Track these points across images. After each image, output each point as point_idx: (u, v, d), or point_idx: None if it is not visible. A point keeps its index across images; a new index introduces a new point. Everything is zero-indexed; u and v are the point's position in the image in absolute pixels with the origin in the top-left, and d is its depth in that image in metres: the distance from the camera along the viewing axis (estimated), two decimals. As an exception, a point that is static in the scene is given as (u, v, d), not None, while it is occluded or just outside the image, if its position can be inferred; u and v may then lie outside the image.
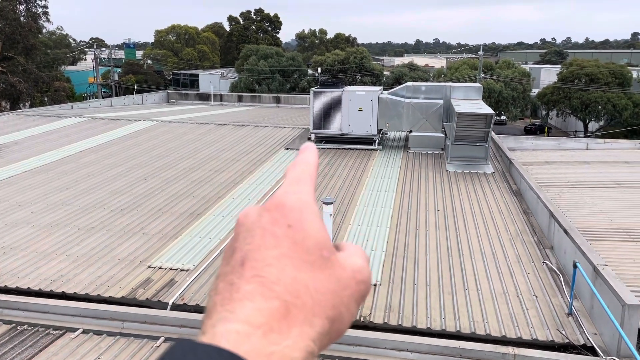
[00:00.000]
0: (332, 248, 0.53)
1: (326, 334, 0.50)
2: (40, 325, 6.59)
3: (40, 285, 7.49)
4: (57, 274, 7.85)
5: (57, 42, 58.83)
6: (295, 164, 0.60)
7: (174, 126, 18.91)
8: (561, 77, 42.57)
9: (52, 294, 7.30)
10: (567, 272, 7.82)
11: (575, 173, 13.92)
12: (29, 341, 6.30)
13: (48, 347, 6.20)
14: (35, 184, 12.27)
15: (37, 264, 8.16)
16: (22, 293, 7.30)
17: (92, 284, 7.57)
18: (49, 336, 6.41)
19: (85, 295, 7.28)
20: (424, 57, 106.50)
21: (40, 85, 41.13)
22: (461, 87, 16.03)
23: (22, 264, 8.16)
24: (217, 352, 0.43)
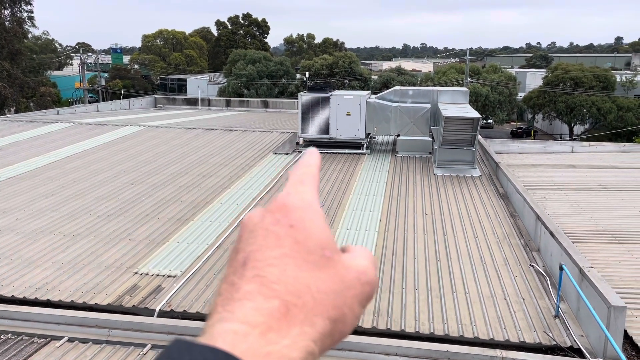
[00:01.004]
0: (335, 248, 0.53)
1: (328, 335, 0.48)
2: (24, 334, 6.49)
3: (25, 293, 7.39)
4: (42, 281, 7.75)
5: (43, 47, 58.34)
6: (297, 166, 0.60)
7: (162, 131, 18.81)
8: (546, 81, 43.03)
9: (37, 302, 7.20)
10: (554, 274, 7.88)
11: (561, 176, 14.05)
12: (13, 350, 6.20)
13: (32, 356, 6.10)
14: (20, 191, 12.12)
15: (22, 271, 8.05)
16: (6, 301, 7.19)
17: (78, 291, 7.48)
18: (33, 345, 6.32)
19: (70, 302, 7.18)
20: (411, 62, 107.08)
21: (26, 91, 40.71)
22: (448, 91, 16.14)
23: (6, 271, 8.04)
24: (212, 352, 0.42)
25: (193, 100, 30.67)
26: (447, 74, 45.55)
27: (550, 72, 43.99)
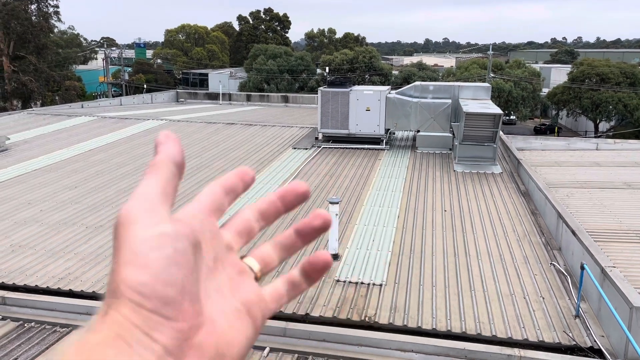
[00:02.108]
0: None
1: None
2: (47, 323, 6.65)
3: (48, 283, 7.56)
4: (64, 272, 7.91)
5: (69, 41, 59.31)
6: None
7: (183, 125, 19.00)
8: (572, 76, 42.23)
9: (60, 292, 7.36)
10: (575, 273, 7.76)
11: (584, 173, 13.79)
12: (36, 338, 6.36)
13: (55, 344, 6.25)
14: (45, 183, 12.38)
15: (45, 262, 8.23)
16: (30, 291, 7.37)
17: (99, 282, 7.62)
18: (55, 333, 6.47)
19: (92, 293, 7.32)
20: (433, 57, 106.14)
21: (51, 85, 41.47)
22: (470, 87, 15.95)
23: (30, 261, 8.23)
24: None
25: (214, 94, 30.90)
26: (470, 69, 45.03)
27: (576, 68, 43.17)
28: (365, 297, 7.24)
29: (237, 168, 0.56)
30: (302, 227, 0.57)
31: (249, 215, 0.56)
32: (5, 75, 39.39)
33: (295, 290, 0.57)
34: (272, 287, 0.55)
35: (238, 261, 0.53)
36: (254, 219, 0.56)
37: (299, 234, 0.57)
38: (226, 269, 0.51)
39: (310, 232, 0.57)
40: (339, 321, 6.70)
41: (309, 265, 0.56)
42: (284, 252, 0.58)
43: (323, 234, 0.58)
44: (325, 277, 7.77)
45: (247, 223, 0.56)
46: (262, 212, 0.57)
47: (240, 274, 0.53)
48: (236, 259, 0.53)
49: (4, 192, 11.63)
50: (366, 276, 7.80)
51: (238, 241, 0.55)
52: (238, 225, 0.55)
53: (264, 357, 6.05)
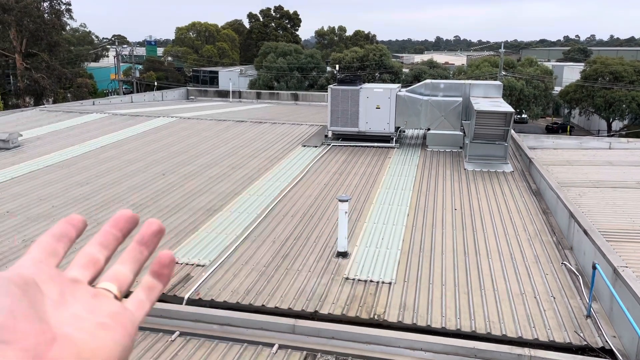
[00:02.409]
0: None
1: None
2: (58, 318, 6.69)
3: (60, 278, 7.62)
4: (76, 267, 7.97)
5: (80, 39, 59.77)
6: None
7: (193, 123, 19.07)
8: (584, 75, 41.83)
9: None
10: (587, 273, 7.69)
11: (597, 173, 13.66)
12: (48, 333, 6.41)
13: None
14: (57, 179, 12.48)
15: (57, 257, 8.30)
16: (42, 285, 7.43)
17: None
18: (67, 328, 6.51)
19: (102, 288, 7.37)
20: (444, 55, 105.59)
21: (63, 82, 41.81)
22: (481, 85, 15.85)
23: (42, 257, 8.30)
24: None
25: (224, 92, 30.98)
26: (481, 67, 44.75)
27: (589, 66, 42.74)
28: (375, 295, 7.23)
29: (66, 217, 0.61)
30: (141, 236, 0.63)
31: (89, 249, 0.60)
32: (18, 72, 39.79)
33: (153, 293, 0.61)
34: (132, 297, 0.59)
35: (89, 289, 0.56)
36: (96, 251, 0.60)
37: (140, 243, 0.62)
38: (78, 298, 0.53)
39: (149, 238, 0.63)
40: (347, 319, 6.69)
41: (156, 265, 0.62)
42: (134, 264, 0.62)
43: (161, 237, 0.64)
44: (334, 275, 7.76)
45: (89, 256, 0.59)
46: (100, 243, 0.61)
47: (95, 297, 0.55)
48: (86, 287, 0.56)
49: (17, 188, 11.75)
50: (375, 274, 7.78)
51: (84, 274, 0.57)
52: (80, 260, 0.59)
53: (273, 354, 6.06)
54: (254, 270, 7.91)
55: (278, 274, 7.82)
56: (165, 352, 6.06)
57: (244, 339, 6.26)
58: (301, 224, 9.76)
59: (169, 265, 0.63)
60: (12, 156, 14.53)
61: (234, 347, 6.17)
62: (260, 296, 7.17)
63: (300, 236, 9.19)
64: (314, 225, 9.70)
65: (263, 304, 6.98)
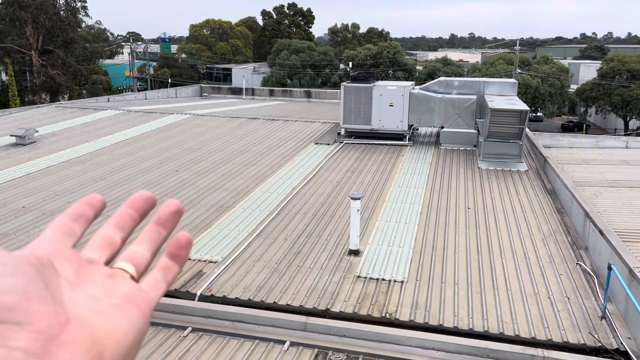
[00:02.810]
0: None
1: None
2: (73, 312, 6.76)
3: (74, 273, 7.70)
4: (90, 262, 8.05)
5: (96, 36, 60.26)
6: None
7: (206, 119, 19.15)
8: (601, 73, 41.26)
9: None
10: (602, 274, 7.59)
11: (613, 172, 13.48)
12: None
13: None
14: (72, 175, 12.61)
15: (72, 252, 8.39)
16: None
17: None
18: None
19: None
20: (458, 52, 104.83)
21: (79, 78, 42.22)
22: (495, 83, 15.71)
23: (57, 252, 8.40)
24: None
25: (237, 89, 31.07)
26: (496, 64, 44.35)
27: (606, 64, 42.15)
28: (386, 294, 7.20)
29: (84, 197, 0.60)
30: (159, 216, 0.62)
31: (106, 230, 0.59)
32: (34, 69, 40.26)
33: (169, 274, 0.60)
34: (149, 278, 0.58)
35: (105, 269, 0.55)
36: (111, 232, 0.59)
37: (158, 223, 0.61)
38: (94, 278, 0.53)
39: (167, 218, 0.62)
40: (359, 317, 6.68)
41: (172, 246, 0.61)
42: (151, 245, 0.61)
43: (180, 218, 0.63)
44: (346, 273, 7.75)
45: (105, 237, 0.59)
46: (116, 224, 0.60)
47: (111, 278, 0.54)
48: (102, 268, 0.55)
49: (33, 184, 11.90)
50: (387, 273, 7.76)
51: (101, 255, 0.57)
52: (96, 241, 0.58)
53: (284, 351, 6.07)
54: (266, 268, 7.93)
55: (290, 271, 7.82)
56: (178, 348, 6.10)
57: (255, 335, 6.28)
58: (313, 221, 9.76)
59: (186, 247, 0.62)
60: (28, 152, 14.71)
61: (246, 343, 6.19)
62: (272, 293, 7.18)
63: (312, 234, 9.18)
64: (326, 222, 9.69)
65: (275, 301, 6.99)
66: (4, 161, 13.77)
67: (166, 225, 0.62)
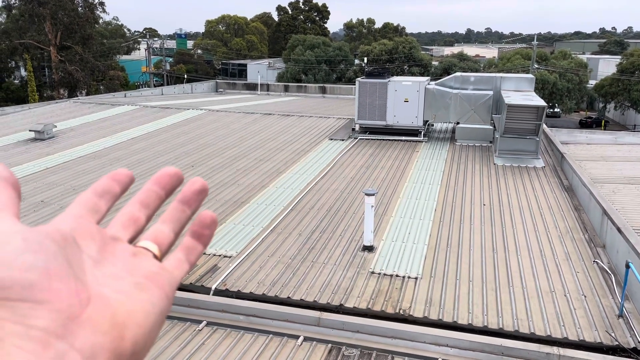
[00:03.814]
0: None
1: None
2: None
3: (91, 267, 7.81)
4: (107, 256, 8.16)
5: (113, 32, 60.81)
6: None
7: (222, 115, 19.24)
8: (621, 68, 40.59)
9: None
10: (619, 272, 7.50)
11: (632, 169, 13.28)
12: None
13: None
14: (89, 169, 12.77)
15: (89, 246, 8.51)
16: (75, 273, 7.63)
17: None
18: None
19: (132, 277, 7.52)
20: (474, 47, 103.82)
21: (96, 74, 42.69)
22: (512, 78, 15.54)
23: (75, 245, 8.52)
24: None
25: (252, 85, 31.15)
26: (512, 60, 43.85)
27: (625, 59, 41.44)
28: (400, 290, 7.19)
29: (111, 172, 0.59)
30: (183, 194, 0.60)
31: (130, 207, 0.58)
32: (52, 64, 40.79)
33: (192, 254, 0.58)
34: (172, 257, 0.57)
35: (129, 247, 0.54)
36: (136, 209, 0.58)
37: (182, 202, 0.60)
38: (117, 256, 0.52)
39: (192, 197, 0.60)
40: (373, 313, 6.68)
41: (196, 225, 0.59)
42: (175, 224, 0.59)
43: (205, 196, 0.61)
44: (360, 269, 7.75)
45: (130, 215, 0.57)
46: (141, 201, 0.59)
47: (134, 256, 0.53)
48: (126, 246, 0.54)
49: (51, 178, 12.07)
50: (401, 269, 7.74)
51: (124, 232, 0.56)
52: (121, 218, 0.57)
53: (298, 346, 6.10)
54: (280, 263, 7.96)
55: (304, 266, 7.85)
56: (193, 341, 6.16)
57: (269, 330, 6.32)
58: (327, 217, 9.77)
59: (211, 226, 0.60)
60: (46, 147, 14.92)
61: (260, 338, 6.23)
62: (286, 288, 7.22)
63: (326, 229, 9.20)
64: (340, 218, 9.70)
65: (289, 296, 7.02)
66: (23, 156, 14.00)
67: (191, 204, 0.60)
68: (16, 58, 42.04)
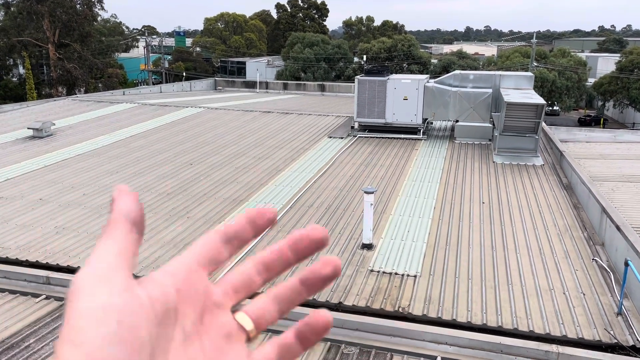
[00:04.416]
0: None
1: None
2: (89, 303, 6.85)
3: (90, 265, 7.79)
4: (105, 254, 8.14)
5: (111, 29, 60.67)
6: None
7: (220, 113, 19.21)
8: (620, 66, 40.61)
9: (101, 273, 7.58)
10: (618, 270, 7.50)
11: (631, 167, 13.29)
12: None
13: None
14: (88, 167, 12.75)
15: (87, 244, 8.50)
16: (73, 271, 7.62)
17: (139, 264, 7.82)
18: (96, 313, 6.66)
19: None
20: (474, 45, 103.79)
21: (95, 72, 42.61)
22: (511, 76, 15.53)
23: (73, 243, 8.52)
24: None
25: (251, 83, 31.12)
26: (512, 57, 43.84)
27: (625, 57, 41.46)
28: (399, 288, 7.19)
29: (253, 209, 0.50)
30: (309, 275, 0.50)
31: (250, 267, 0.50)
32: (51, 62, 40.70)
33: (288, 355, 0.49)
34: (261, 355, 0.49)
35: (227, 321, 0.48)
36: (255, 271, 0.50)
37: (304, 284, 0.50)
38: (211, 331, 0.46)
39: (317, 283, 0.50)
40: (372, 311, 6.68)
41: (306, 327, 0.49)
42: (285, 304, 0.51)
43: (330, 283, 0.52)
44: (359, 267, 7.75)
45: (246, 276, 0.50)
46: (266, 263, 0.50)
47: (227, 338, 0.47)
48: (225, 318, 0.48)
49: (50, 176, 12.05)
50: (400, 267, 7.74)
51: (232, 297, 0.49)
52: (235, 278, 0.50)
53: (297, 344, 6.09)
54: (279, 261, 7.95)
55: (303, 264, 7.83)
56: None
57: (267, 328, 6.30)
58: (326, 215, 9.76)
59: (321, 333, 0.49)
60: (45, 144, 14.89)
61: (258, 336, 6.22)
62: (285, 286, 7.20)
63: (325, 227, 9.18)
64: (339, 216, 9.69)
65: (288, 294, 7.01)
66: (22, 154, 13.97)
67: (311, 289, 0.51)
68: (14, 56, 41.94)
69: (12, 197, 10.66)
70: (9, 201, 10.42)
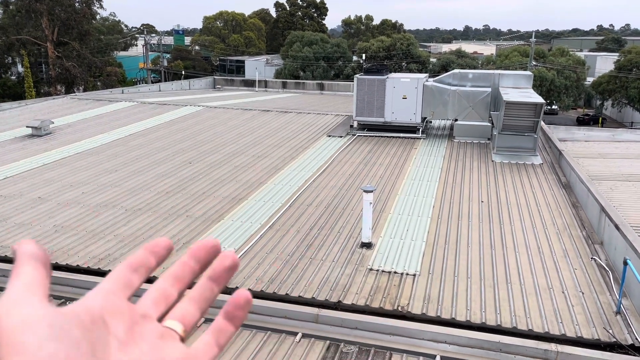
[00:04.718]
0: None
1: None
2: (88, 301, 6.84)
3: (89, 263, 7.80)
4: (104, 252, 8.15)
5: (110, 28, 60.55)
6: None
7: (219, 112, 19.20)
8: (618, 65, 40.63)
9: (100, 272, 7.58)
10: (617, 269, 7.51)
11: (630, 166, 13.30)
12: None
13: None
14: (86, 166, 12.74)
15: (86, 242, 8.49)
16: (72, 270, 7.62)
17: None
18: (95, 312, 6.66)
19: (130, 274, 7.51)
20: (472, 44, 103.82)
21: (94, 70, 42.53)
22: (510, 75, 15.53)
23: (72, 242, 8.51)
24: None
25: (250, 81, 31.11)
26: (510, 57, 43.84)
27: (623, 56, 41.49)
28: (398, 287, 7.20)
29: (150, 242, 0.57)
30: (213, 271, 0.58)
31: (163, 282, 0.57)
32: (49, 60, 40.62)
33: (222, 337, 0.56)
34: (200, 341, 0.55)
35: (157, 327, 0.53)
36: (168, 284, 0.56)
37: (212, 280, 0.58)
38: (145, 338, 0.51)
39: (222, 274, 0.58)
40: (371, 310, 6.68)
41: (230, 306, 0.57)
42: (203, 302, 0.58)
43: (235, 272, 0.59)
44: (358, 265, 7.75)
45: (162, 290, 0.56)
46: (175, 276, 0.57)
47: (162, 338, 0.52)
48: (154, 325, 0.53)
49: (49, 174, 12.03)
50: (399, 266, 7.75)
51: (155, 309, 0.55)
52: (153, 294, 0.55)
53: (296, 343, 6.10)
54: (278, 259, 7.95)
55: (302, 263, 7.84)
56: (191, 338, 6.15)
57: (267, 327, 6.31)
58: (325, 214, 9.76)
59: (245, 307, 0.57)
60: (44, 143, 14.87)
61: (258, 334, 6.23)
62: (284, 285, 7.21)
63: (324, 226, 9.19)
64: (338, 215, 9.69)
65: (287, 293, 7.02)
66: (20, 152, 13.95)
67: (220, 282, 0.58)
68: (13, 54, 41.84)
69: (11, 195, 10.65)
70: (8, 200, 10.41)
